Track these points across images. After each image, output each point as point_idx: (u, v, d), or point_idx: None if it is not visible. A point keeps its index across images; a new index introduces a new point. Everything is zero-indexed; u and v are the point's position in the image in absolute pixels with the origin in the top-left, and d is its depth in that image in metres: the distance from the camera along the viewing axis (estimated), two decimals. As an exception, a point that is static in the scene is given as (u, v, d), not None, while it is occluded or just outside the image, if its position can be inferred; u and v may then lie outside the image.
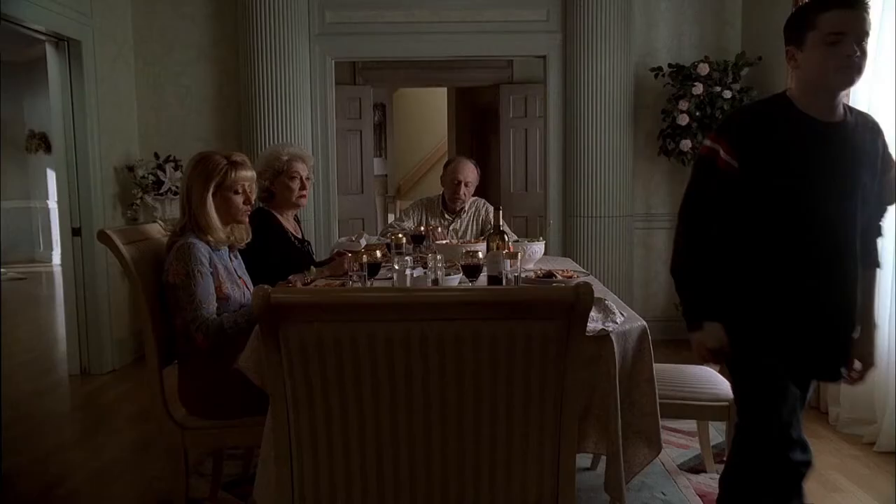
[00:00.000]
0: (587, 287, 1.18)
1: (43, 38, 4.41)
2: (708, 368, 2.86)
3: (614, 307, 2.12)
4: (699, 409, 2.56)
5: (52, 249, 10.52)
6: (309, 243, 3.43)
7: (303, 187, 3.22)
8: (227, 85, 5.15)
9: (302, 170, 3.21)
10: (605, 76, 4.95)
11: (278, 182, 3.20)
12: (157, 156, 4.94)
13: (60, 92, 4.52)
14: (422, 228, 3.71)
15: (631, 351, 2.05)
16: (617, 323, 2.03)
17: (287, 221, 3.29)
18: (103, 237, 2.30)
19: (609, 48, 4.94)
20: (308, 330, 1.20)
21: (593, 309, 2.12)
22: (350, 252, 3.25)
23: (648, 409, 2.02)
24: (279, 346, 1.22)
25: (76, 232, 4.58)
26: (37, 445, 3.53)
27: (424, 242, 3.56)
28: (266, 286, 1.18)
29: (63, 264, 4.74)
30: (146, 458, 3.33)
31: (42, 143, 10.44)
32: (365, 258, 2.31)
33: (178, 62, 5.13)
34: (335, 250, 3.48)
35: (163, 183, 4.85)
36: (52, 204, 10.01)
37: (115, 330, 4.73)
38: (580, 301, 1.19)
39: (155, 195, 4.86)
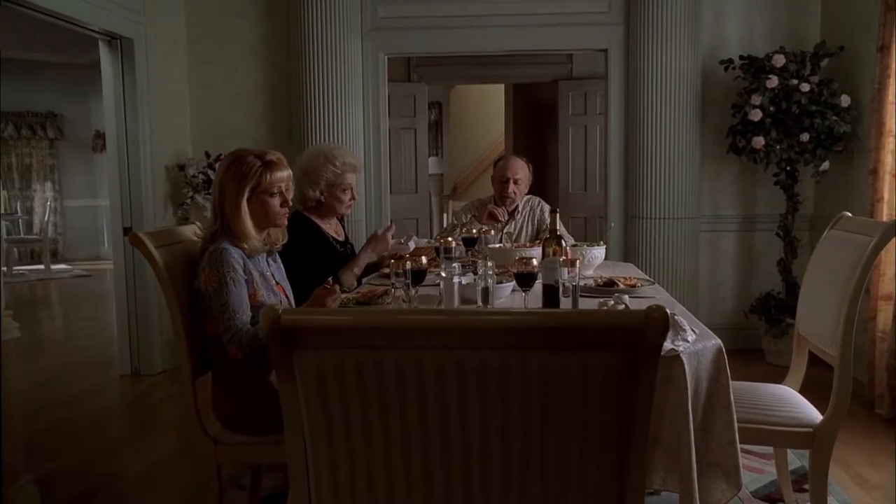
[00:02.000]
0: (660, 312, 0.97)
1: (97, 36, 4.39)
2: (787, 388, 2.58)
3: (685, 323, 1.89)
4: (778, 436, 2.28)
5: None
6: (352, 245, 3.28)
7: (352, 198, 3.12)
8: (277, 83, 5.06)
9: (354, 181, 3.08)
10: (671, 70, 4.67)
11: (329, 193, 3.07)
12: (207, 155, 4.88)
13: (113, 90, 4.50)
14: (474, 231, 3.52)
15: (705, 373, 1.81)
16: (688, 341, 1.80)
17: (327, 224, 3.14)
18: (135, 240, 2.18)
19: (675, 40, 4.65)
20: (326, 356, 1.02)
21: (661, 324, 1.89)
22: (398, 255, 3.10)
23: (726, 439, 1.78)
24: (293, 373, 1.05)
25: (127, 231, 4.54)
26: (83, 448, 3.49)
27: (477, 246, 3.38)
28: (276, 305, 1.01)
29: (114, 264, 4.72)
30: (188, 465, 3.24)
31: (105, 142, 10.65)
32: (409, 264, 2.12)
33: (230, 60, 5.07)
34: (383, 253, 3.32)
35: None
36: (114, 202, 10.19)
37: (164, 331, 4.69)
38: (651, 328, 0.98)
39: (205, 194, 4.80)
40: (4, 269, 9.29)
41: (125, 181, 4.55)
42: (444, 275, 2.24)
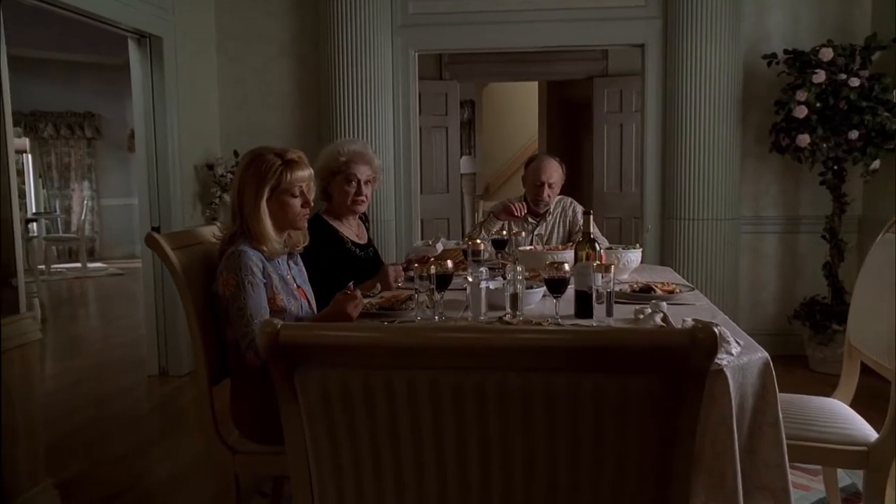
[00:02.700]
0: (707, 331, 0.85)
1: (126, 35, 4.37)
2: (838, 402, 2.42)
3: (728, 334, 1.75)
4: (829, 455, 2.12)
5: (149, 246, 10.83)
6: (374, 248, 3.17)
7: (359, 192, 2.95)
8: (307, 81, 5.00)
9: (361, 172, 2.94)
10: (711, 65, 4.49)
11: (334, 183, 2.96)
12: (236, 154, 4.83)
13: (142, 89, 4.47)
14: (504, 232, 3.40)
15: (750, 388, 1.68)
16: (733, 354, 1.67)
17: (346, 227, 3.04)
18: (151, 241, 2.11)
19: (715, 34, 4.47)
20: (331, 376, 0.92)
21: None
22: (424, 258, 3.00)
23: (774, 460, 1.65)
24: (295, 393, 0.95)
25: (155, 231, 4.52)
26: (109, 449, 3.47)
27: (507, 248, 3.27)
28: (274, 320, 0.91)
29: (143, 264, 4.71)
30: (211, 470, 3.18)
31: (141, 142, 10.76)
32: (433, 269, 2.02)
33: (259, 58, 5.02)
34: (409, 255, 3.22)
35: (242, 182, 4.74)
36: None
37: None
38: (697, 350, 0.86)
39: (234, 194, 4.75)
40: (42, 266, 9.43)
41: (153, 180, 4.52)
42: (470, 279, 2.13)
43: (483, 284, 2.12)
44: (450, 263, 2.14)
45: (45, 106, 10.75)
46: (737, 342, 1.75)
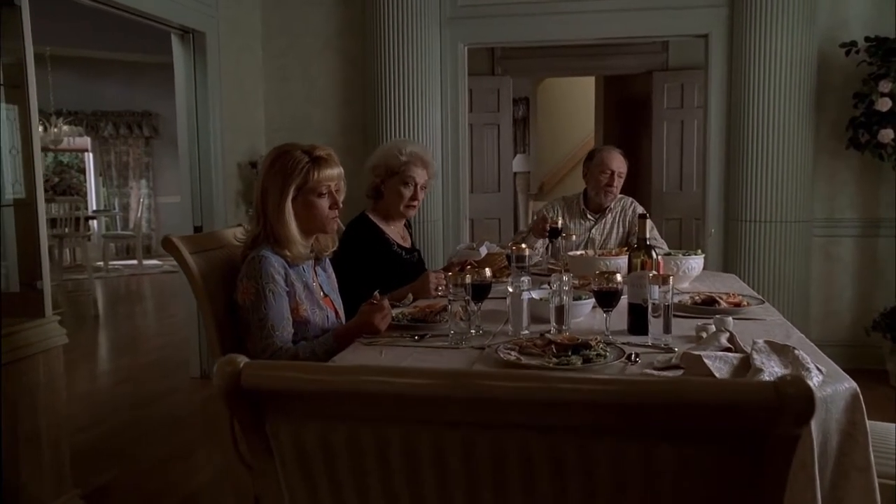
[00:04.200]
0: (800, 387, 0.63)
1: (169, 30, 4.30)
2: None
3: (808, 359, 1.51)
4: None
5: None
6: (418, 252, 2.99)
7: (414, 197, 2.77)
8: (352, 76, 4.85)
9: (419, 176, 2.76)
10: (781, 56, 4.15)
11: (389, 183, 2.78)
12: (280, 152, 4.72)
13: (185, 85, 4.39)
14: (559, 221, 3.18)
15: (835, 426, 1.43)
16: (814, 384, 1.42)
17: (392, 229, 2.86)
18: (168, 245, 1.97)
19: (787, 21, 4.13)
20: (309, 428, 0.73)
21: (776, 360, 1.52)
22: (466, 262, 2.80)
23: (861, 513, 1.40)
24: (268, 446, 0.76)
25: (198, 230, 4.44)
26: (144, 454, 3.38)
27: (562, 237, 3.08)
28: (235, 355, 0.72)
29: (186, 263, 4.62)
30: (244, 478, 3.05)
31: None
32: (468, 278, 1.81)
33: (304, 53, 4.90)
34: (452, 259, 3.03)
35: (285, 180, 4.62)
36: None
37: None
38: (787, 411, 0.64)
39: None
40: (100, 263, 9.59)
41: (196, 178, 4.44)
42: (510, 290, 1.92)
43: (525, 296, 1.91)
44: (488, 272, 1.94)
45: (106, 106, 10.95)
46: (818, 369, 1.50)
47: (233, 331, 2.02)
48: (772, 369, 1.47)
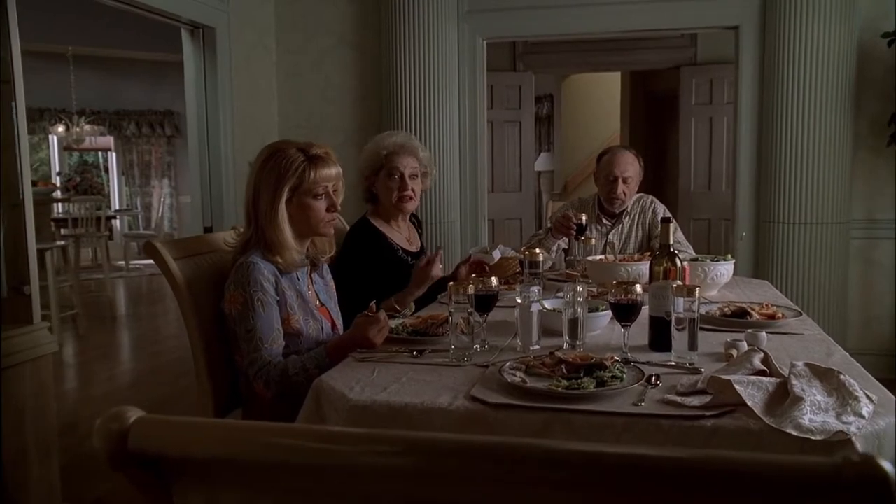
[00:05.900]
0: (867, 466, 0.46)
1: (178, 26, 4.19)
2: None
3: (856, 385, 1.32)
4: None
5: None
6: (426, 254, 2.82)
7: (403, 186, 2.59)
8: (368, 72, 4.70)
9: (404, 164, 2.59)
10: (818, 47, 3.92)
11: (378, 182, 2.64)
12: (293, 150, 4.59)
13: (195, 82, 4.28)
14: (583, 217, 3.00)
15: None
16: (864, 416, 1.24)
17: (395, 231, 2.71)
18: (149, 250, 1.83)
19: (824, 11, 3.90)
20: (225, 500, 0.57)
21: (818, 387, 1.33)
22: (479, 265, 2.64)
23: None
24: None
25: (208, 231, 4.33)
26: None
27: (585, 233, 2.92)
28: (125, 409, 0.57)
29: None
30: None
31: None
32: (471, 288, 1.64)
33: (318, 49, 4.76)
34: (471, 254, 2.86)
35: (298, 180, 4.49)
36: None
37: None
38: (846, 495, 0.46)
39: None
40: (122, 262, 9.58)
41: (206, 177, 4.32)
42: (519, 300, 1.75)
43: (535, 308, 1.73)
44: (494, 281, 1.77)
45: (128, 105, 10.96)
46: (868, 397, 1.31)
47: (221, 344, 1.88)
48: (813, 398, 1.29)
